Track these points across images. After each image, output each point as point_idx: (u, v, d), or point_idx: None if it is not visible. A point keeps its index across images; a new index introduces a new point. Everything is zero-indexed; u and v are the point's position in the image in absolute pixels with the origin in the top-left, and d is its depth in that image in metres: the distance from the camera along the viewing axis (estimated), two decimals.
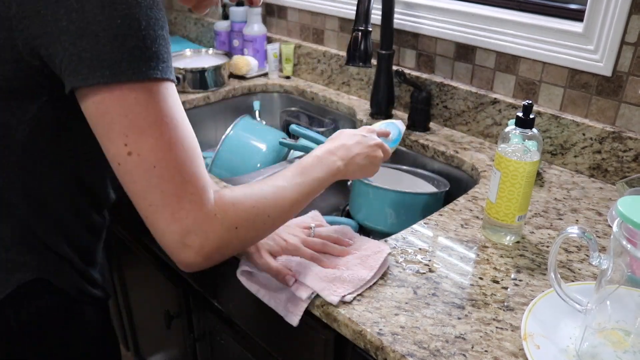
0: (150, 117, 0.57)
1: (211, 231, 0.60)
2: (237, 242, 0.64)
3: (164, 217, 0.59)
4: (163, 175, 0.58)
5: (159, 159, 0.58)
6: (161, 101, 0.58)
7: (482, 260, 0.83)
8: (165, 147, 0.58)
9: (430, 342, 0.68)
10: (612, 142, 1.05)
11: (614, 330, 0.62)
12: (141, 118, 0.57)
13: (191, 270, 0.63)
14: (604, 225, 0.94)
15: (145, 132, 0.57)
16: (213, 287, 1.07)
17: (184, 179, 0.59)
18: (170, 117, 0.59)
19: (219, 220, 0.61)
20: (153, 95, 0.57)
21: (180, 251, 0.60)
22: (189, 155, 0.60)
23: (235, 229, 0.63)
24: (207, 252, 0.61)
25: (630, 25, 0.99)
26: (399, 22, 1.34)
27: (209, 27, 1.92)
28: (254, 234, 0.67)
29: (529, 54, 1.14)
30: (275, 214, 0.69)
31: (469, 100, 1.26)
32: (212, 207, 0.61)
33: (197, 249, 0.60)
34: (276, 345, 0.95)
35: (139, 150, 0.57)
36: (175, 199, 0.58)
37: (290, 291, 0.76)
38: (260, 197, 0.67)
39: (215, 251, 0.62)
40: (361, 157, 0.83)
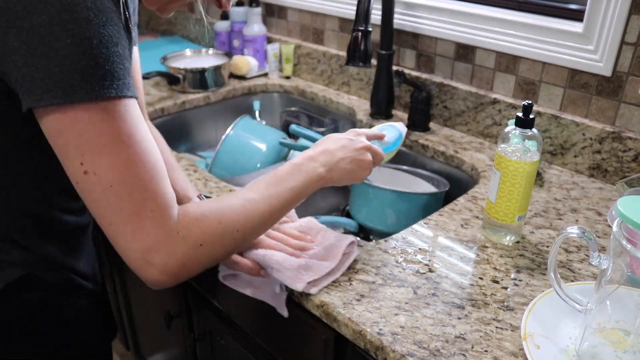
0: (105, 136, 0.56)
1: (174, 249, 0.60)
2: (203, 258, 0.63)
3: (124, 235, 0.58)
4: (121, 194, 0.57)
5: (115, 177, 0.57)
6: (117, 120, 0.57)
7: (482, 260, 0.83)
8: (122, 166, 0.57)
9: (430, 342, 0.68)
10: (612, 142, 1.05)
11: (614, 330, 0.62)
12: (95, 138, 0.56)
13: (158, 287, 0.62)
14: (603, 225, 0.94)
15: (101, 152, 0.56)
16: (213, 287, 1.07)
17: (144, 197, 0.58)
18: (128, 135, 0.57)
19: (181, 238, 0.60)
20: (108, 114, 0.56)
21: (144, 269, 0.59)
22: (149, 173, 0.59)
23: (200, 246, 0.62)
24: (171, 270, 0.60)
25: (630, 25, 0.99)
26: (399, 22, 1.34)
27: (209, 27, 1.92)
28: (221, 250, 0.66)
29: (529, 54, 1.14)
30: (244, 229, 0.67)
31: (468, 100, 1.26)
32: (175, 224, 0.60)
33: (160, 268, 0.59)
34: (276, 345, 0.95)
35: (94, 169, 0.56)
36: (135, 218, 0.58)
37: (270, 285, 0.77)
38: (227, 212, 0.66)
39: (180, 269, 0.61)
40: (346, 161, 0.79)
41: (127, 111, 0.58)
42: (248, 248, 0.78)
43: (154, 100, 1.45)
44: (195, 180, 1.06)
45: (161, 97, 1.47)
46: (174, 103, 1.46)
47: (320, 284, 0.76)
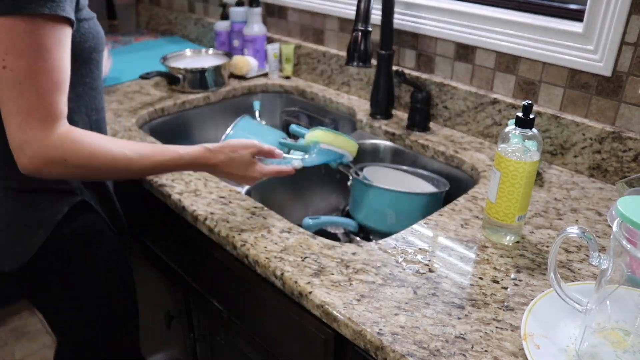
0: (30, 44, 0.70)
1: (44, 149, 0.73)
2: (63, 170, 0.76)
3: (14, 123, 0.73)
4: (25, 92, 0.71)
5: (25, 78, 0.71)
6: (44, 35, 0.71)
7: (482, 260, 0.83)
8: (35, 72, 0.71)
9: (430, 342, 0.68)
10: (612, 142, 1.05)
11: (614, 330, 0.62)
12: (23, 43, 0.69)
13: (25, 173, 0.75)
14: (603, 225, 0.94)
15: (22, 55, 0.70)
16: (213, 287, 1.07)
17: (40, 102, 0.72)
18: (48, 49, 0.71)
19: (53, 146, 0.74)
20: (38, 28, 0.70)
21: (18, 154, 0.74)
22: (54, 87, 0.73)
23: (64, 161, 0.75)
24: (36, 164, 0.74)
25: (630, 25, 0.99)
26: (399, 22, 1.34)
27: (209, 28, 1.92)
28: (81, 172, 0.79)
29: (529, 54, 1.14)
30: (105, 172, 0.82)
31: (468, 100, 1.26)
32: (54, 134, 0.74)
33: (29, 157, 0.73)
34: (276, 345, 0.95)
35: (12, 67, 0.70)
36: (26, 114, 0.72)
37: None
38: (102, 152, 0.79)
39: (43, 166, 0.74)
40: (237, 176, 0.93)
41: (54, 31, 0.72)
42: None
43: (154, 100, 1.45)
44: (195, 180, 1.06)
45: (161, 97, 1.47)
46: (174, 103, 1.46)
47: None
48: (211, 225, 0.92)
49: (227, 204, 0.97)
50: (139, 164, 0.83)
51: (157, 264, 1.25)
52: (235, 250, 0.87)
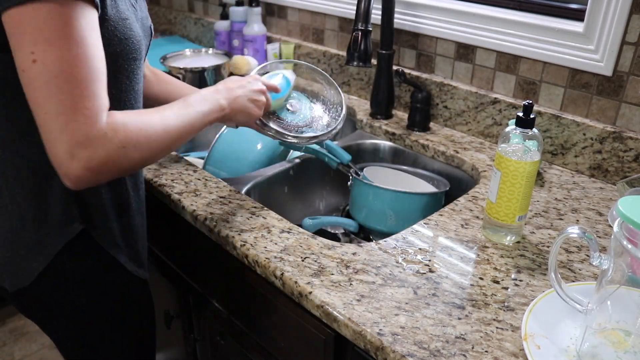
0: (61, 31, 0.61)
1: (100, 147, 0.64)
2: (125, 161, 0.67)
3: (56, 125, 0.62)
4: (62, 86, 0.61)
5: (61, 70, 0.61)
6: (73, 19, 0.61)
7: (483, 260, 0.83)
8: (70, 62, 0.61)
9: (430, 342, 0.67)
10: (613, 142, 1.05)
11: (615, 331, 0.62)
12: (52, 30, 0.60)
13: (77, 186, 0.65)
14: (604, 226, 0.93)
15: (53, 44, 0.61)
16: (213, 287, 1.07)
17: (82, 94, 0.62)
18: (81, 36, 0.62)
19: (108, 138, 0.65)
20: (65, 12, 0.61)
21: (68, 162, 0.63)
22: (92, 75, 0.64)
23: (123, 148, 0.67)
24: (94, 167, 0.64)
25: (630, 25, 0.98)
26: (399, 22, 1.34)
27: (209, 27, 1.92)
28: (140, 157, 0.70)
29: (530, 54, 1.14)
30: (161, 140, 0.73)
31: (469, 100, 1.26)
32: (104, 125, 0.65)
33: (84, 163, 0.63)
34: (276, 345, 0.94)
35: (44, 59, 0.61)
36: (70, 111, 0.62)
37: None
38: (149, 122, 0.72)
39: (102, 166, 0.65)
40: (244, 98, 0.90)
41: (83, 15, 0.63)
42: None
43: None
44: (195, 180, 1.06)
45: None
46: None
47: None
48: (211, 225, 0.92)
49: (227, 204, 0.97)
50: (183, 123, 0.77)
51: (157, 264, 1.25)
52: (235, 250, 0.87)
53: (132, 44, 0.77)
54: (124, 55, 0.77)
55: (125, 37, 0.75)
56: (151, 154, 0.72)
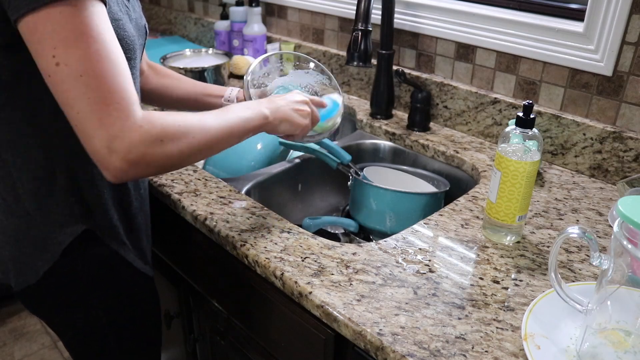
0: (77, 30, 0.61)
1: (137, 138, 0.63)
2: (162, 156, 0.66)
3: (91, 123, 0.62)
4: (90, 83, 0.61)
5: (86, 68, 0.61)
6: (87, 17, 0.62)
7: (483, 260, 0.83)
8: (92, 58, 0.61)
9: (430, 342, 0.67)
10: (613, 142, 1.05)
11: (615, 331, 0.62)
12: (67, 32, 0.61)
13: (119, 179, 0.65)
14: (604, 226, 0.93)
15: (73, 44, 0.61)
16: (213, 287, 1.07)
17: (111, 89, 0.62)
18: (97, 32, 0.62)
19: (145, 130, 0.64)
20: (78, 10, 0.61)
21: (108, 156, 0.62)
22: (116, 69, 0.63)
23: (161, 142, 0.65)
24: (133, 159, 0.63)
25: (630, 25, 0.98)
26: (399, 22, 1.34)
27: (209, 27, 1.92)
28: (178, 151, 0.68)
29: (530, 54, 1.14)
30: (199, 137, 0.71)
31: (469, 100, 1.26)
32: (140, 117, 0.64)
33: (123, 154, 0.62)
34: (276, 345, 0.94)
35: (66, 60, 0.61)
36: (102, 106, 0.62)
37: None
38: (186, 120, 0.70)
39: (141, 159, 0.64)
40: (287, 108, 0.87)
41: (96, 11, 0.63)
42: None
43: None
44: (195, 180, 1.06)
45: None
46: None
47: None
48: (211, 225, 0.92)
49: (227, 204, 0.97)
50: (222, 125, 0.75)
51: (157, 264, 1.25)
52: (235, 250, 0.87)
53: (125, 45, 0.76)
54: None
55: (119, 38, 0.74)
56: (190, 151, 0.71)
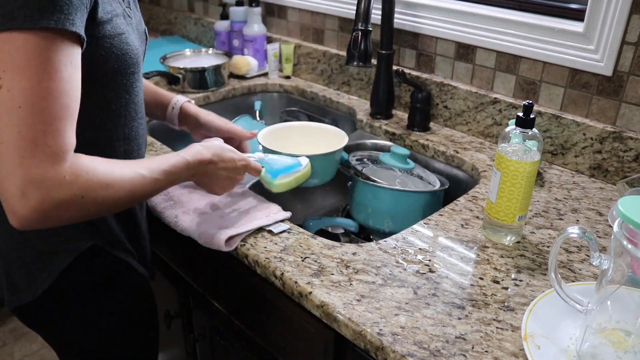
0: (35, 61, 0.57)
1: (55, 190, 0.59)
2: (77, 210, 0.63)
3: (12, 158, 0.57)
4: (26, 118, 0.57)
5: (27, 102, 0.57)
6: (50, 51, 0.58)
7: (483, 260, 0.83)
8: (39, 94, 0.58)
9: (430, 342, 0.67)
10: (613, 142, 1.04)
11: (615, 331, 0.62)
12: (24, 60, 0.57)
13: (22, 226, 0.60)
14: (604, 226, 0.93)
15: (24, 74, 0.57)
16: (213, 287, 1.07)
17: (47, 130, 0.58)
18: (55, 69, 0.59)
19: (67, 183, 0.60)
20: (43, 43, 0.57)
21: (17, 201, 0.58)
22: (61, 112, 0.59)
23: (82, 198, 0.62)
24: (45, 210, 0.59)
25: (630, 25, 0.98)
26: (399, 22, 1.34)
27: (209, 27, 1.92)
28: (96, 208, 0.65)
29: (530, 54, 1.14)
30: (124, 199, 0.68)
31: (469, 100, 1.26)
32: (65, 168, 0.60)
33: (34, 204, 0.58)
34: (276, 346, 0.94)
35: (11, 86, 0.57)
36: (30, 145, 0.57)
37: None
38: (118, 178, 0.67)
39: (54, 212, 0.60)
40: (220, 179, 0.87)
41: (62, 47, 0.59)
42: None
43: None
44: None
45: None
46: None
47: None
48: None
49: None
50: (151, 179, 0.72)
51: (157, 264, 1.25)
52: (235, 250, 0.87)
53: (129, 59, 0.75)
54: (122, 71, 0.75)
55: (123, 53, 0.73)
56: (109, 209, 0.68)
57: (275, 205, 0.95)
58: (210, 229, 0.87)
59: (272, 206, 0.94)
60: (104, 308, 0.87)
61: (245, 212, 0.92)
